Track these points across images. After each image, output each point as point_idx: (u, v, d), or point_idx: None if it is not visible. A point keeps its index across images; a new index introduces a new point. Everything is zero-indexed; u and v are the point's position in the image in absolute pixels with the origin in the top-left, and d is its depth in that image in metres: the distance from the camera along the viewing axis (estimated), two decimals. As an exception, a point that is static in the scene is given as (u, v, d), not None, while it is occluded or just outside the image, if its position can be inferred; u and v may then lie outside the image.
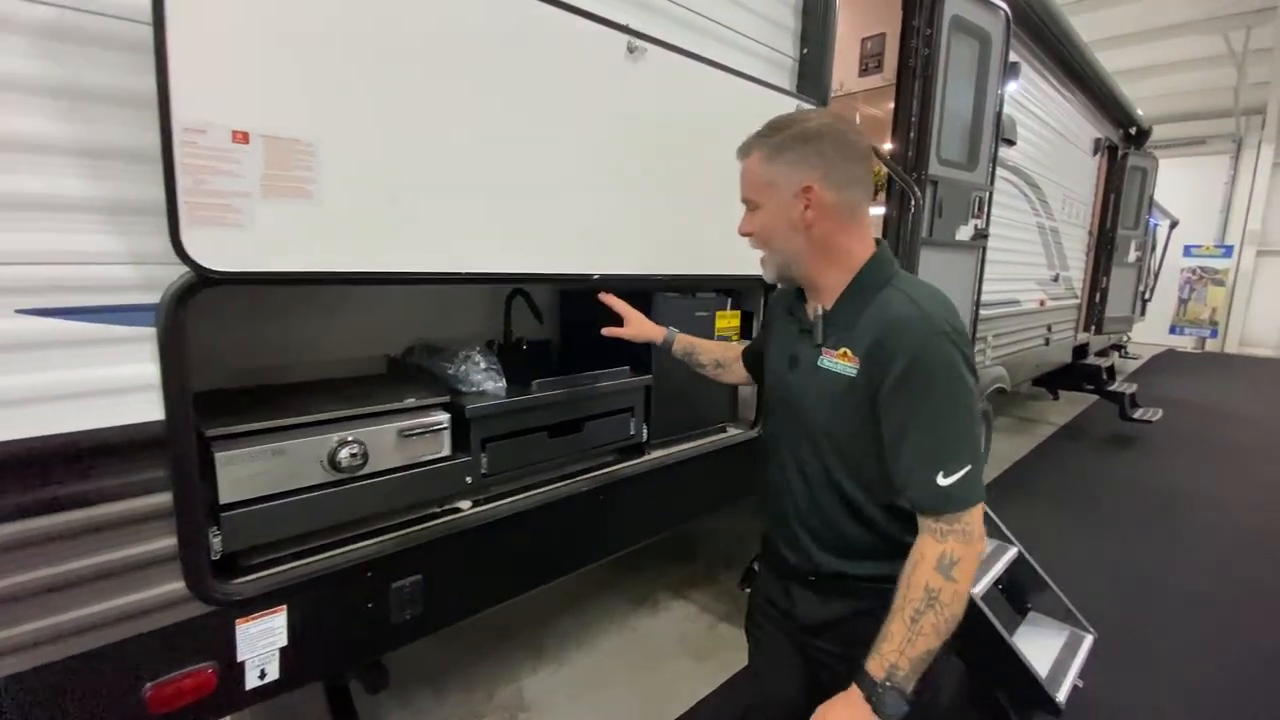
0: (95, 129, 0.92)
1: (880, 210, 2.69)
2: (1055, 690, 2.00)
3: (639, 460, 1.94)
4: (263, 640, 1.18)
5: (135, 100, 0.93)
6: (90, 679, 1.01)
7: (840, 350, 1.03)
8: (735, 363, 1.51)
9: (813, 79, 2.15)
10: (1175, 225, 9.29)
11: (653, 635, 2.56)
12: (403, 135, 1.18)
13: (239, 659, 1.15)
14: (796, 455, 1.13)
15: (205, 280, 1.00)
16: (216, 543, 1.15)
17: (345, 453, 1.29)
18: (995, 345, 3.84)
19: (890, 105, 2.76)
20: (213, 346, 1.50)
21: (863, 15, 3.35)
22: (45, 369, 0.92)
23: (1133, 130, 5.72)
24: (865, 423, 1.01)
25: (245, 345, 1.61)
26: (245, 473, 1.18)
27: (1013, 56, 3.04)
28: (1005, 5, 2.84)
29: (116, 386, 0.97)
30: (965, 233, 2.83)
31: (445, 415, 1.48)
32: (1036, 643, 2.20)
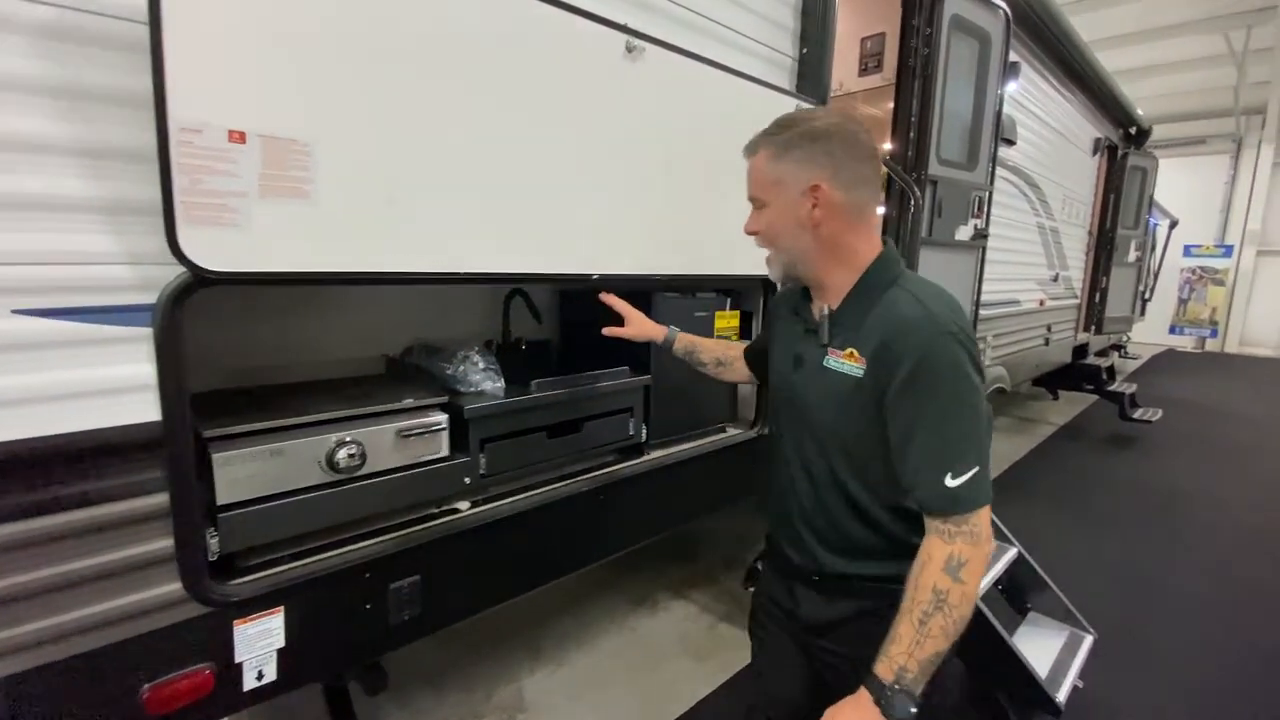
0: (93, 129, 0.92)
1: (880, 210, 2.68)
2: (1055, 690, 2.00)
3: (638, 460, 1.93)
4: (260, 641, 1.17)
5: (134, 100, 0.92)
6: (86, 681, 1.01)
7: (847, 350, 1.02)
8: (737, 361, 1.51)
9: (812, 79, 2.15)
10: (1175, 225, 9.29)
11: (652, 635, 2.55)
12: (400, 135, 1.18)
13: (237, 660, 1.15)
14: (801, 455, 1.13)
15: (202, 280, 1.00)
16: (214, 544, 1.15)
17: (343, 453, 1.29)
18: (995, 345, 3.84)
19: (890, 105, 2.75)
20: (210, 347, 1.50)
21: (862, 15, 3.34)
22: (41, 369, 0.91)
23: (1133, 130, 5.71)
24: (872, 424, 1.00)
25: (242, 346, 1.61)
26: (243, 473, 1.18)
27: (1013, 56, 3.04)
28: (1005, 5, 2.83)
29: (113, 387, 0.97)
30: (965, 233, 2.83)
31: (443, 416, 1.48)
32: (1036, 643, 2.20)
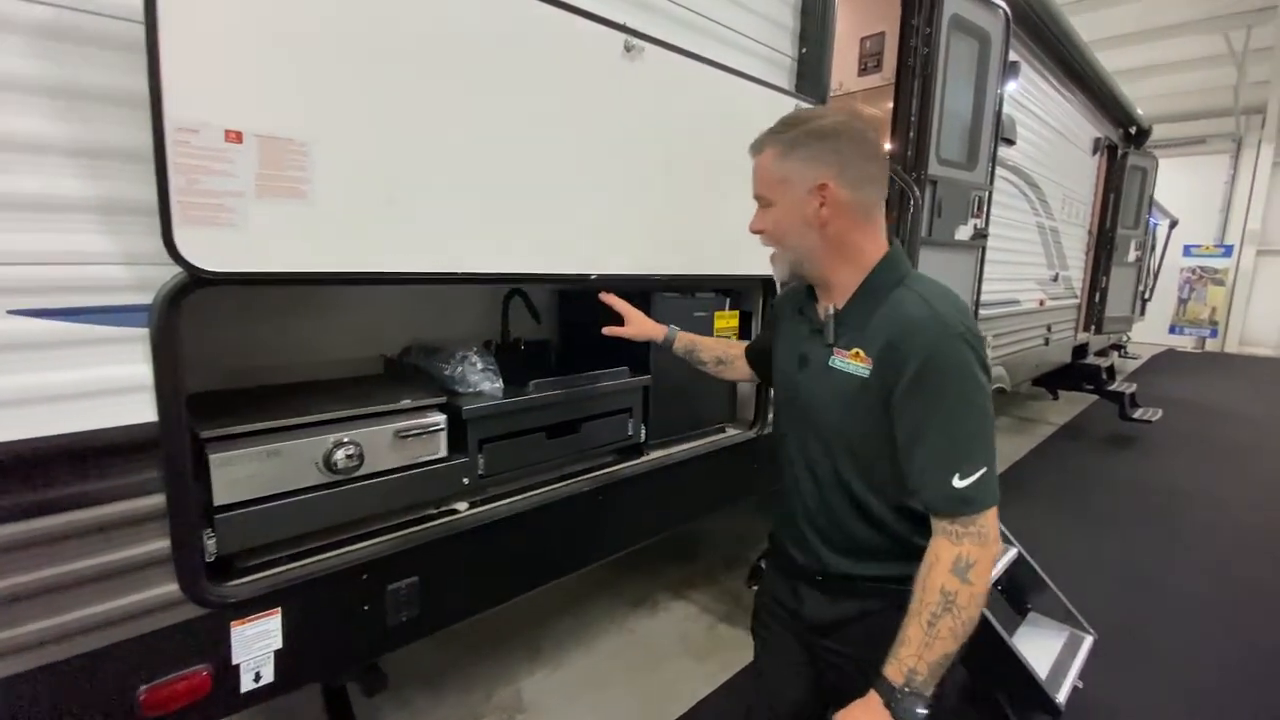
0: (90, 129, 0.91)
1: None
2: (1055, 691, 2.00)
3: (637, 461, 1.93)
4: (258, 643, 1.17)
5: (130, 100, 0.92)
6: (81, 683, 1.00)
7: (852, 350, 1.02)
8: (738, 359, 1.51)
9: (811, 78, 2.14)
10: (1175, 225, 9.29)
11: (652, 636, 2.55)
12: (398, 135, 1.17)
13: (234, 662, 1.15)
14: (806, 455, 1.12)
15: (198, 280, 0.99)
16: (211, 545, 1.15)
17: (341, 454, 1.28)
18: (995, 345, 3.83)
19: (889, 105, 2.75)
20: (207, 347, 1.49)
21: (862, 14, 3.34)
22: (37, 370, 0.91)
23: (1132, 130, 5.71)
24: (878, 424, 1.00)
25: (240, 346, 1.60)
26: (240, 474, 1.18)
27: (1012, 56, 3.04)
28: (1005, 5, 2.83)
29: (109, 388, 0.96)
30: (965, 232, 2.83)
31: (442, 416, 1.47)
32: (1036, 643, 2.20)
